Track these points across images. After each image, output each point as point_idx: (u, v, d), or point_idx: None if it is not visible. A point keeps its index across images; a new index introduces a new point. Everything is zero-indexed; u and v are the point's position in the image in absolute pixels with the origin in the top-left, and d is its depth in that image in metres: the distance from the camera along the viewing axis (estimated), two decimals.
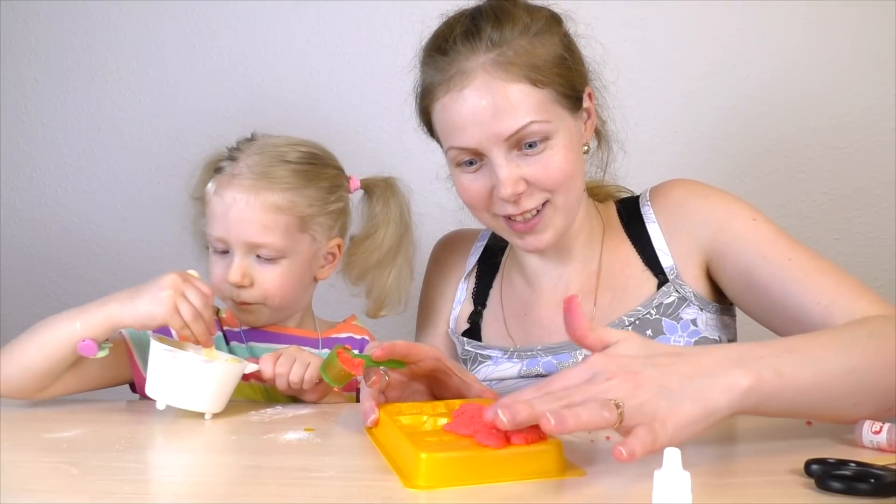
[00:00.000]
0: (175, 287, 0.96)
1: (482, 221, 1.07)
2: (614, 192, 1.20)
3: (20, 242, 1.81)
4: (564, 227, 1.04)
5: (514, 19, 0.98)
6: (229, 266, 1.08)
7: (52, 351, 0.98)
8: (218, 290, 1.10)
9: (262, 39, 1.72)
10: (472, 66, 0.96)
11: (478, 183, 1.01)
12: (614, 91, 1.12)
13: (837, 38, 1.55)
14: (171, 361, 0.93)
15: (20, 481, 0.71)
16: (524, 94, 0.95)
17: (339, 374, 0.87)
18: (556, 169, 0.98)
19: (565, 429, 0.63)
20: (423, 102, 1.04)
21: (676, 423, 0.67)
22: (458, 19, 1.01)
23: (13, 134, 1.81)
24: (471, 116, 0.96)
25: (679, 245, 1.06)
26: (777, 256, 0.96)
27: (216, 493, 0.68)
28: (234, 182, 1.08)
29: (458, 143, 0.98)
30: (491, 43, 0.96)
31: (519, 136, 0.96)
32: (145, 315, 0.96)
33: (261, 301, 1.10)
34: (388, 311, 1.22)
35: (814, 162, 1.57)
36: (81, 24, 1.77)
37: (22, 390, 1.00)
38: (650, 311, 1.05)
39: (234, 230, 1.07)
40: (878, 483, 0.62)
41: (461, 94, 0.96)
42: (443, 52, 0.98)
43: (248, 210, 1.07)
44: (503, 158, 0.97)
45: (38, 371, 0.99)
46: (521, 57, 0.95)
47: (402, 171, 1.25)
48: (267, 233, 1.07)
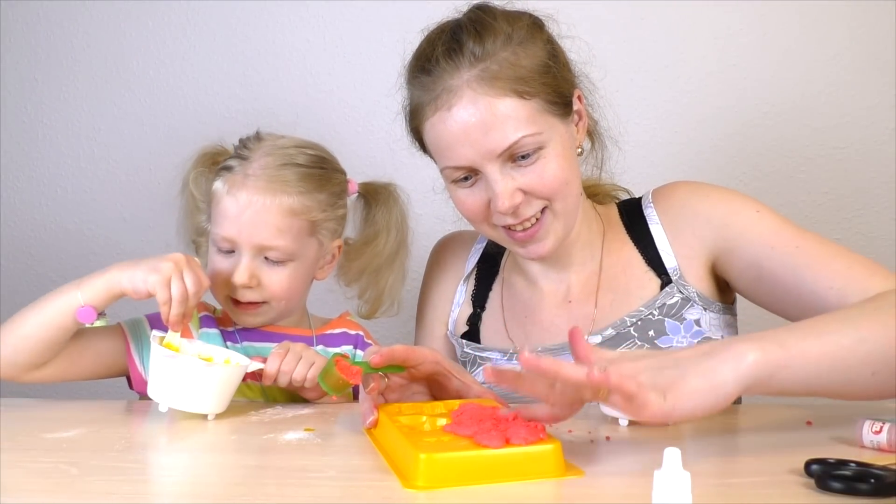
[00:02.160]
0: (177, 263, 0.98)
1: (482, 232, 1.07)
2: (612, 191, 1.20)
3: (20, 242, 1.81)
4: (565, 231, 1.04)
5: (495, 31, 0.97)
6: (235, 266, 1.08)
7: (53, 318, 0.98)
8: (217, 288, 1.10)
9: (262, 39, 1.72)
10: (457, 84, 0.95)
11: (474, 197, 1.01)
12: (614, 91, 1.12)
13: (837, 38, 1.55)
14: (173, 364, 0.93)
15: (20, 481, 0.71)
16: (512, 108, 0.95)
17: (337, 382, 0.87)
18: (551, 177, 0.98)
19: (540, 365, 0.67)
20: (412, 123, 1.04)
21: (681, 393, 0.68)
22: (438, 36, 1.00)
23: (13, 134, 1.81)
24: (462, 135, 0.96)
25: (683, 245, 1.05)
26: (785, 245, 0.96)
27: (216, 493, 0.68)
28: (248, 183, 1.07)
29: (451, 162, 0.99)
30: (474, 58, 0.95)
31: (511, 151, 0.96)
32: (140, 280, 0.97)
33: (265, 302, 1.10)
34: (381, 314, 1.23)
35: (814, 162, 1.57)
36: (81, 24, 1.77)
37: (17, 364, 1.00)
38: (653, 311, 1.05)
39: (247, 232, 1.07)
40: (878, 483, 0.62)
41: (449, 114, 0.96)
42: (427, 71, 0.98)
43: (263, 213, 1.07)
44: (498, 173, 0.97)
45: (36, 341, 0.99)
46: (506, 69, 0.95)
47: (403, 171, 1.25)
48: (280, 236, 1.07)
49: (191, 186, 1.18)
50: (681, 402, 0.68)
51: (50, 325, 0.99)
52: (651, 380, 0.68)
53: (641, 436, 0.84)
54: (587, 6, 1.59)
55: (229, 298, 1.11)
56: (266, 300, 1.10)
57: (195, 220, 1.19)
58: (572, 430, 0.86)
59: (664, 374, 0.69)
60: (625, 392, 0.66)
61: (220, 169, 1.12)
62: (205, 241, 1.19)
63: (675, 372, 0.69)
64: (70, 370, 1.05)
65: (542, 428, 0.72)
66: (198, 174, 1.17)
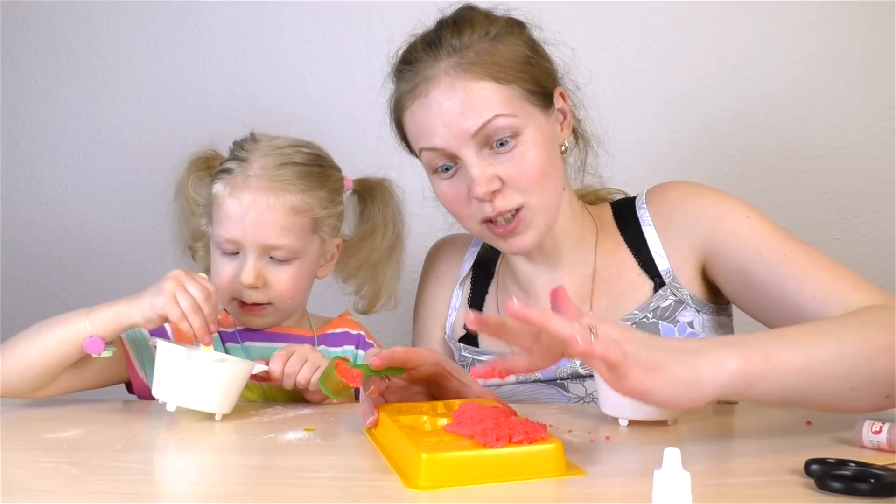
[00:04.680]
0: (176, 279, 0.98)
1: (468, 229, 1.07)
2: (606, 196, 1.20)
3: (20, 242, 1.81)
4: (546, 225, 1.03)
5: (474, 24, 1.00)
6: (240, 267, 1.08)
7: (58, 347, 0.98)
8: (224, 292, 1.10)
9: (262, 39, 1.72)
10: (435, 73, 0.97)
11: (455, 188, 1.01)
12: (614, 90, 1.13)
13: (838, 38, 1.55)
14: (183, 361, 0.92)
15: (20, 481, 0.71)
16: (488, 90, 0.96)
17: (337, 386, 0.87)
18: (530, 166, 0.98)
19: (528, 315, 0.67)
20: (395, 116, 1.06)
21: (662, 378, 0.68)
22: (422, 33, 1.03)
23: (13, 134, 1.81)
24: (437, 118, 0.97)
25: (675, 248, 1.05)
26: (771, 253, 0.96)
27: (216, 492, 0.68)
28: (250, 184, 1.08)
29: (427, 143, 0.99)
30: (452, 49, 0.98)
31: (486, 132, 0.96)
32: (147, 306, 0.97)
33: (271, 302, 1.11)
34: (379, 309, 1.24)
35: (814, 162, 1.57)
36: (81, 24, 1.77)
37: (20, 388, 1.00)
38: (647, 314, 1.05)
39: (252, 232, 1.07)
40: (878, 483, 0.62)
41: (427, 99, 0.98)
42: (408, 63, 1.01)
43: (267, 212, 1.07)
44: (474, 157, 0.97)
45: (40, 367, 0.99)
46: (483, 57, 0.97)
47: (404, 170, 1.25)
48: (285, 234, 1.08)
49: (188, 191, 1.17)
50: (658, 387, 0.68)
51: (55, 353, 0.98)
52: (635, 352, 0.68)
53: (641, 436, 0.84)
54: (587, 6, 1.59)
55: (234, 301, 1.11)
56: (271, 301, 1.10)
57: (192, 225, 1.19)
58: (572, 430, 0.86)
59: (651, 353, 0.69)
60: (609, 360, 0.67)
61: (219, 172, 1.12)
62: (202, 246, 1.19)
63: (662, 356, 0.69)
64: (75, 385, 1.04)
65: (544, 428, 0.72)
66: (196, 178, 1.18)
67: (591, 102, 1.12)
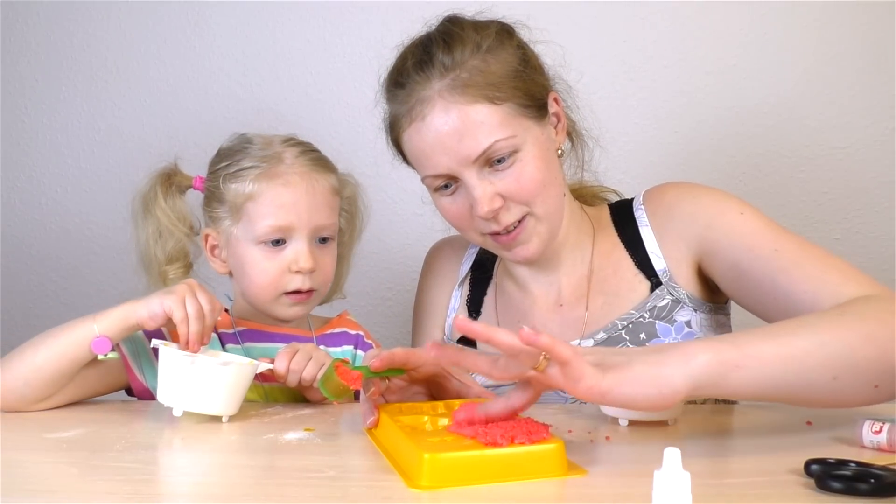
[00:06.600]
0: (189, 286, 0.99)
1: (470, 239, 1.08)
2: (599, 192, 1.20)
3: (20, 242, 1.81)
4: (550, 234, 1.04)
5: (464, 41, 0.99)
6: (292, 255, 1.09)
7: (66, 350, 0.98)
8: (273, 287, 1.10)
9: (262, 39, 1.72)
10: (429, 94, 0.97)
11: (457, 204, 1.02)
12: (613, 90, 1.13)
13: (838, 38, 1.55)
14: (187, 367, 0.93)
15: (20, 481, 0.71)
16: (484, 114, 0.96)
17: (337, 388, 0.87)
18: (529, 180, 0.99)
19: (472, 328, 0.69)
20: (392, 135, 1.06)
21: (622, 376, 0.68)
22: (410, 50, 1.03)
23: (13, 134, 1.81)
24: (437, 144, 0.98)
25: (671, 247, 1.06)
26: (763, 248, 0.96)
27: (216, 492, 0.68)
28: (294, 170, 1.11)
29: (429, 171, 1.01)
30: (444, 68, 0.97)
31: (486, 156, 0.97)
32: (156, 304, 0.97)
33: (316, 288, 1.12)
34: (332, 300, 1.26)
35: (814, 162, 1.57)
36: (81, 24, 1.77)
37: (26, 397, 0.98)
38: (643, 314, 1.05)
39: (306, 215, 1.10)
40: (878, 483, 0.62)
41: (423, 124, 0.98)
42: (400, 85, 1.01)
43: (317, 193, 1.11)
44: (475, 178, 0.98)
45: (48, 373, 0.98)
46: (476, 76, 0.97)
47: (404, 170, 1.25)
48: (332, 214, 1.14)
49: (164, 209, 1.14)
50: (619, 385, 0.68)
51: (63, 357, 0.98)
52: (596, 361, 0.69)
53: (641, 436, 0.84)
54: (588, 6, 1.59)
55: (282, 296, 1.11)
56: (317, 287, 1.13)
57: (168, 245, 1.14)
58: (572, 430, 0.86)
59: (611, 358, 0.71)
60: (558, 356, 0.67)
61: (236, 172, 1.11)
62: (178, 266, 1.15)
63: (622, 359, 0.71)
64: (75, 395, 1.03)
65: (546, 428, 0.72)
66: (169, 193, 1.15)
67: (588, 100, 1.12)
